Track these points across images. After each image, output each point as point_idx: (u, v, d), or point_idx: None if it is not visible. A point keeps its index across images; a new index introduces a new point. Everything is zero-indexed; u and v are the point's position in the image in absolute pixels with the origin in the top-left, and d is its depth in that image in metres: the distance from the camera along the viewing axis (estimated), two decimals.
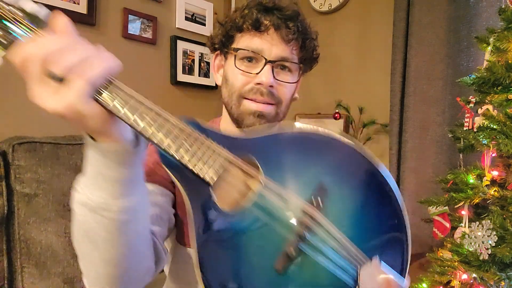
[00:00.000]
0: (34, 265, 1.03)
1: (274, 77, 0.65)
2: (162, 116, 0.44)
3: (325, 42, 2.05)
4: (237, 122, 0.69)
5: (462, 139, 0.97)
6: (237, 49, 0.67)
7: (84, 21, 1.35)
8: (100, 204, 0.42)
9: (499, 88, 0.87)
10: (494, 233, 0.80)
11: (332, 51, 2.04)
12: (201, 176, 0.44)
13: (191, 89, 1.78)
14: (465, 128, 0.97)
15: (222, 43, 0.71)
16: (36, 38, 0.38)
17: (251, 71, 0.66)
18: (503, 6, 0.90)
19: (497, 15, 0.95)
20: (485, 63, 0.92)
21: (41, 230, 1.05)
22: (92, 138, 0.42)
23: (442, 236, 1.01)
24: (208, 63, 1.81)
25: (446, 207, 1.00)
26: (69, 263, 1.08)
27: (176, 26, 1.68)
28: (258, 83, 0.65)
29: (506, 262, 0.79)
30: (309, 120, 2.13)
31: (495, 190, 0.86)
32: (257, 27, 0.65)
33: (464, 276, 0.88)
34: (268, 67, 0.65)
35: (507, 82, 0.84)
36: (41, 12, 0.42)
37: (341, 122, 1.95)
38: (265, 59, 0.65)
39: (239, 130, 0.71)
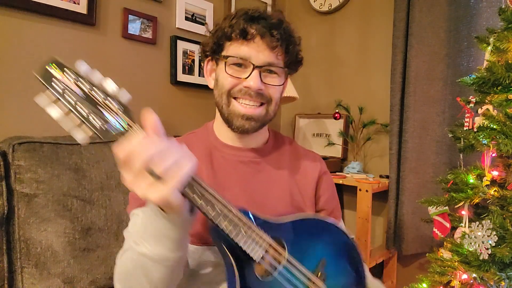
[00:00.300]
0: (34, 265, 1.03)
1: (261, 80, 0.72)
2: (227, 207, 0.57)
3: (325, 42, 2.06)
4: (228, 122, 0.76)
5: (462, 139, 0.97)
6: (227, 56, 0.73)
7: (84, 21, 1.35)
8: (161, 256, 0.56)
9: (499, 88, 0.87)
10: (494, 233, 0.80)
11: (332, 51, 2.04)
12: (251, 256, 0.60)
13: (191, 89, 1.78)
14: (465, 128, 0.97)
15: (213, 51, 0.77)
16: (140, 139, 0.47)
17: (240, 75, 0.72)
18: (503, 6, 0.90)
19: (497, 15, 0.95)
20: (485, 63, 0.92)
21: (41, 230, 1.05)
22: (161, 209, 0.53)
23: (442, 236, 1.01)
24: None
25: (446, 207, 1.00)
26: (69, 263, 1.08)
27: (176, 26, 1.68)
28: (247, 87, 0.72)
29: (506, 262, 0.79)
30: (309, 120, 2.13)
31: (495, 190, 0.86)
32: (244, 36, 0.70)
33: (464, 276, 0.88)
34: (256, 72, 0.71)
35: (507, 82, 0.84)
36: (123, 96, 0.50)
37: (341, 122, 1.95)
38: (253, 64, 0.71)
39: (231, 131, 0.78)
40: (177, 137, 0.90)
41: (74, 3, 1.32)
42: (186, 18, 1.72)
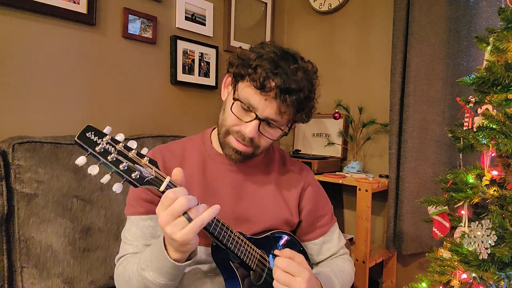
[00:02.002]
0: (34, 265, 1.03)
1: (259, 129, 0.76)
2: (229, 229, 0.71)
3: (325, 42, 2.06)
4: (221, 146, 0.84)
5: (461, 139, 0.97)
6: (237, 99, 0.76)
7: (84, 21, 1.35)
8: (161, 284, 0.69)
9: (498, 88, 0.87)
10: (494, 232, 0.80)
11: (332, 51, 2.04)
12: (250, 266, 0.75)
13: (191, 89, 1.78)
14: (464, 128, 0.97)
15: (234, 75, 0.79)
16: (184, 192, 0.60)
17: (243, 117, 0.76)
18: (503, 6, 0.90)
19: (497, 15, 0.95)
20: (485, 63, 0.92)
21: (41, 230, 1.05)
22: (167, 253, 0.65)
23: (442, 235, 1.01)
24: (208, 63, 1.81)
25: (446, 207, 1.00)
26: (68, 263, 1.08)
27: (176, 26, 1.68)
28: (243, 132, 0.76)
29: (505, 261, 0.79)
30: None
31: (494, 190, 0.86)
32: (261, 88, 0.72)
33: (464, 276, 0.88)
34: (255, 122, 0.75)
35: (507, 82, 0.84)
36: (144, 150, 0.62)
37: (341, 122, 1.95)
38: (256, 115, 0.74)
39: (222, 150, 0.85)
40: (175, 139, 0.94)
41: (74, 2, 1.32)
42: (186, 18, 1.72)
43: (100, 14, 1.42)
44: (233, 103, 0.77)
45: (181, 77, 1.70)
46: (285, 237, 0.89)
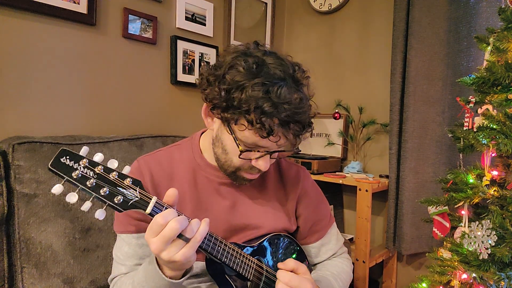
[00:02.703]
0: (34, 265, 1.03)
1: (270, 157, 0.72)
2: (223, 242, 0.68)
3: (325, 42, 2.07)
4: (225, 173, 0.78)
5: (462, 139, 0.97)
6: (245, 150, 0.69)
7: (84, 21, 1.35)
8: None
9: (498, 88, 0.87)
10: (494, 232, 0.80)
11: (332, 51, 2.04)
12: (247, 277, 0.73)
13: (191, 89, 1.78)
14: (464, 128, 0.97)
15: (224, 119, 0.69)
16: (175, 214, 0.56)
17: (251, 156, 0.71)
18: (503, 6, 0.90)
19: (497, 15, 0.95)
20: (485, 63, 0.92)
21: (41, 230, 1.05)
22: (161, 271, 0.63)
23: (442, 236, 1.01)
24: (208, 63, 1.81)
25: (446, 207, 1.00)
26: (68, 263, 1.08)
27: (176, 26, 1.68)
28: (257, 167, 0.72)
29: (505, 261, 0.79)
30: None
31: (494, 190, 0.86)
32: (268, 135, 0.65)
33: (464, 276, 0.88)
34: (267, 156, 0.71)
35: (507, 82, 0.84)
36: (125, 170, 0.57)
37: (341, 122, 1.95)
38: (267, 151, 0.70)
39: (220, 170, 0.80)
40: (175, 139, 0.89)
41: (74, 2, 1.32)
42: (186, 18, 1.72)
43: (100, 14, 1.42)
44: (241, 153, 0.69)
45: (181, 77, 1.70)
46: (281, 239, 0.87)
